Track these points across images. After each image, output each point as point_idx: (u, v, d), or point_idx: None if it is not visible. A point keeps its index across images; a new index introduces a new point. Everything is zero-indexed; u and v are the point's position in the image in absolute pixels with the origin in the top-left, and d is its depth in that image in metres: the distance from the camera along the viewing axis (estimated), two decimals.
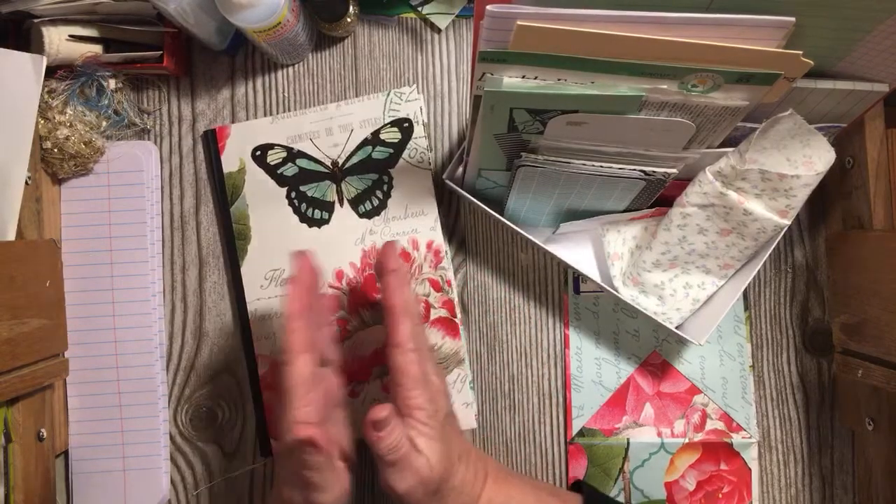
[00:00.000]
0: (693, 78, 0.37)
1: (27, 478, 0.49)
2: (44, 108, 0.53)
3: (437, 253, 0.56)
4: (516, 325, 0.59)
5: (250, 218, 0.57)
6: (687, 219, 0.49)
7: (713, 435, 0.57)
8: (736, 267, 0.51)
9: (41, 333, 0.51)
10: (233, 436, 0.58)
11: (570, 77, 0.38)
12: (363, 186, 0.57)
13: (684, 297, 0.53)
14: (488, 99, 0.39)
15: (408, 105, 0.57)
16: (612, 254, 0.55)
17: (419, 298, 0.56)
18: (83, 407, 0.56)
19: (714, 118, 0.41)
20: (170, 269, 0.59)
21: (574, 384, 0.57)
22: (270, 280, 0.57)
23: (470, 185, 0.53)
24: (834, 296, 0.56)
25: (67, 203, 0.57)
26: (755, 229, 0.48)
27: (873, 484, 0.54)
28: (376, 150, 0.57)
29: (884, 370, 0.48)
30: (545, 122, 0.41)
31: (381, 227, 0.57)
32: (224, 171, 0.57)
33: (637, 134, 0.42)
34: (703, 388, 0.57)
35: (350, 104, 0.58)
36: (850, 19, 0.37)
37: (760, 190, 0.46)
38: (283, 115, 0.58)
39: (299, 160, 0.57)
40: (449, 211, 0.59)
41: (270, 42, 0.53)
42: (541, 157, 0.45)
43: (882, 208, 0.50)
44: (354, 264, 0.57)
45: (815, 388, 0.58)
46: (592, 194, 0.50)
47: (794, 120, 0.42)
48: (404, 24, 0.60)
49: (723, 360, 0.57)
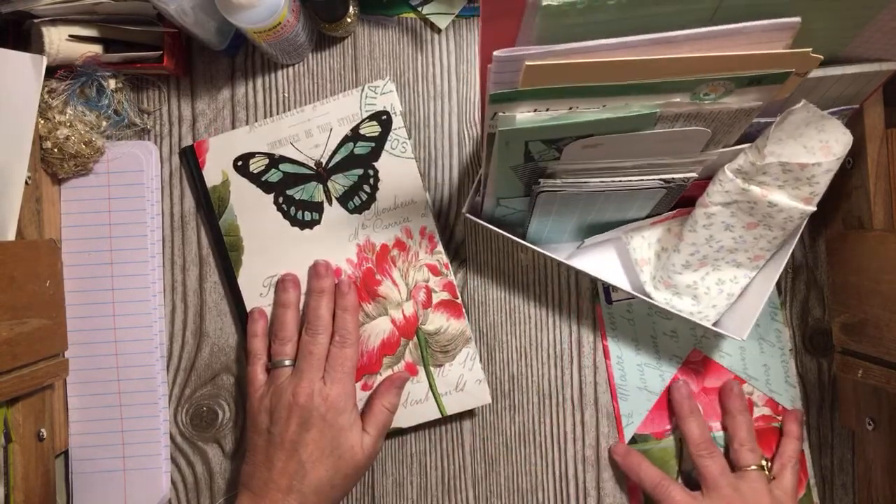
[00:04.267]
0: (705, 87, 0.37)
1: (27, 478, 0.49)
2: (44, 108, 0.53)
3: (431, 238, 0.57)
4: (516, 325, 0.59)
5: (240, 228, 0.57)
6: (711, 218, 0.49)
7: (762, 421, 0.57)
8: (766, 257, 0.51)
9: (41, 333, 0.51)
10: (233, 436, 0.58)
11: (581, 104, 0.37)
12: (349, 183, 0.57)
13: (718, 294, 0.52)
14: (503, 137, 0.39)
15: (383, 98, 0.57)
16: (639, 260, 0.54)
17: (419, 285, 0.56)
18: (83, 407, 0.56)
19: (728, 121, 0.41)
20: (170, 269, 0.59)
21: (620, 393, 0.58)
22: (269, 287, 0.57)
23: (489, 213, 0.53)
24: (834, 296, 0.56)
25: (67, 203, 0.57)
26: (781, 219, 0.47)
27: (873, 484, 0.54)
28: (358, 145, 0.57)
29: (884, 370, 0.48)
30: (561, 148, 0.41)
31: (372, 221, 0.57)
32: (208, 185, 0.57)
33: (653, 146, 0.42)
34: (747, 378, 0.57)
35: (326, 104, 0.58)
36: (854, 8, 0.37)
37: (783, 181, 0.46)
38: (261, 123, 0.58)
39: (282, 165, 0.57)
40: (449, 211, 0.59)
41: (270, 42, 0.53)
42: (559, 181, 0.45)
43: (882, 208, 0.50)
44: (351, 260, 0.57)
45: (815, 388, 0.58)
46: (614, 207, 0.50)
47: (807, 109, 0.42)
48: (404, 24, 0.60)
49: (762, 347, 0.58)
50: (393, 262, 0.57)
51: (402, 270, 0.57)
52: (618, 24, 0.34)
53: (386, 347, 0.56)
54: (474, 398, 0.56)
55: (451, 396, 0.56)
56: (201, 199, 0.58)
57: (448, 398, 0.56)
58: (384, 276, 0.57)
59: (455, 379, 0.56)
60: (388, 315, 0.56)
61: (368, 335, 0.56)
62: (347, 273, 0.57)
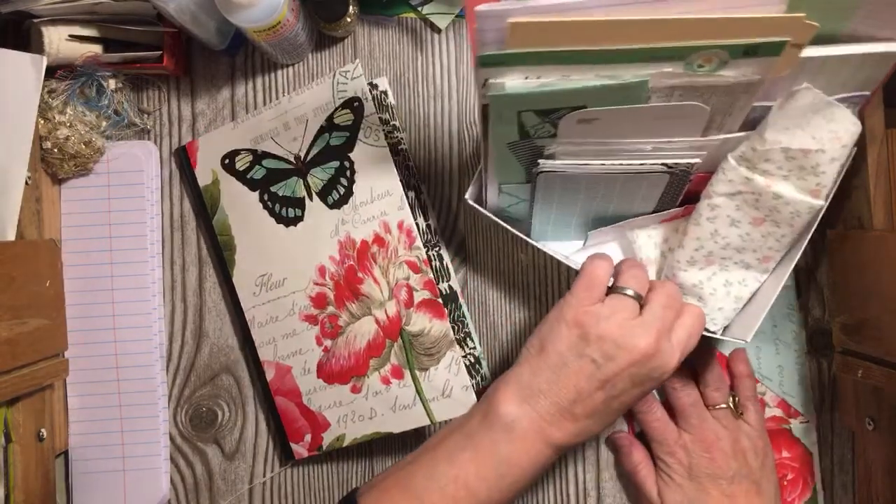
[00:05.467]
0: (698, 57, 0.36)
1: (27, 478, 0.49)
2: (44, 108, 0.53)
3: (409, 233, 0.54)
4: (516, 325, 0.59)
5: (232, 227, 0.57)
6: (716, 210, 0.47)
7: (772, 423, 0.57)
8: (776, 259, 0.49)
9: (41, 333, 0.51)
10: (233, 436, 0.58)
11: (573, 72, 0.37)
12: (327, 176, 0.56)
13: (725, 296, 0.51)
14: (495, 104, 0.38)
15: (354, 83, 0.55)
16: (644, 259, 0.53)
17: (400, 283, 0.55)
18: (83, 407, 0.56)
19: (726, 98, 0.40)
20: (170, 269, 0.59)
21: None
22: (261, 286, 0.56)
23: (493, 205, 0.52)
24: (834, 296, 0.56)
25: (67, 203, 0.57)
26: (788, 214, 0.46)
27: (873, 484, 0.54)
28: (333, 136, 0.56)
29: (884, 370, 0.48)
30: (556, 123, 0.41)
31: (351, 216, 0.55)
32: (201, 186, 0.57)
33: (651, 125, 0.41)
34: (760, 378, 0.57)
35: (300, 94, 0.56)
36: None
37: (787, 171, 0.44)
38: (244, 118, 0.57)
39: (265, 161, 0.57)
40: (449, 211, 0.59)
41: (270, 42, 0.53)
42: (558, 161, 0.44)
43: (882, 208, 0.50)
44: (334, 258, 0.56)
45: (815, 388, 0.58)
46: (617, 196, 0.49)
47: (811, 93, 0.40)
48: (404, 24, 0.60)
49: (778, 348, 0.58)
50: (373, 259, 0.55)
51: (382, 268, 0.55)
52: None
53: (371, 349, 0.55)
54: (462, 405, 0.54)
55: (438, 402, 0.54)
56: (194, 199, 0.58)
57: (436, 404, 0.54)
58: (366, 274, 0.55)
59: (441, 384, 0.54)
60: (372, 315, 0.55)
61: (354, 336, 0.55)
62: (331, 271, 0.56)
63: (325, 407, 0.56)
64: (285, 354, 0.56)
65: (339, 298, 0.56)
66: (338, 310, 0.56)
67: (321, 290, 0.56)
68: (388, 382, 0.55)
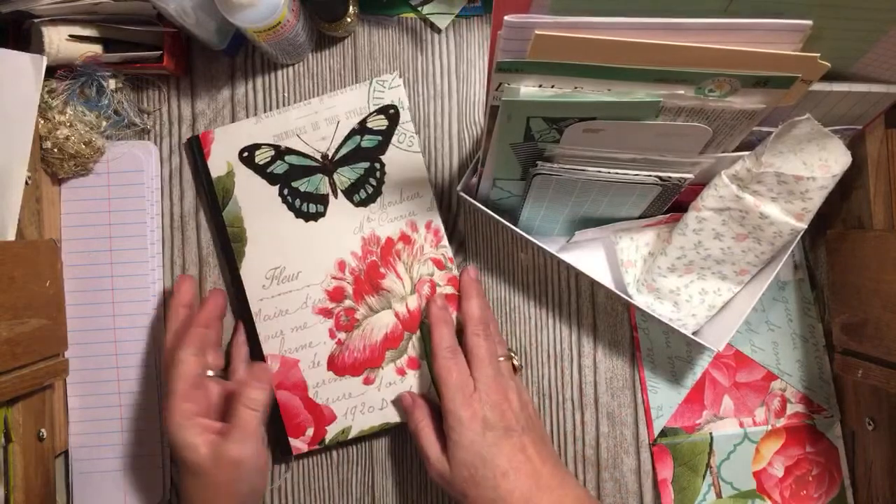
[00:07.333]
0: (710, 83, 0.37)
1: (27, 478, 0.49)
2: (44, 108, 0.53)
3: (436, 232, 0.57)
4: (516, 325, 0.59)
5: (244, 220, 0.57)
6: (703, 223, 0.49)
7: (795, 419, 0.57)
8: (752, 273, 0.51)
9: (41, 333, 0.51)
10: None
11: (587, 85, 0.37)
12: (355, 176, 0.57)
13: (700, 304, 0.53)
14: (506, 109, 0.39)
15: (391, 92, 0.58)
16: (625, 261, 0.55)
17: (423, 279, 0.57)
18: (83, 407, 0.56)
19: (730, 122, 0.41)
20: (170, 269, 0.59)
21: (650, 386, 0.58)
22: (272, 279, 0.57)
23: (484, 195, 0.53)
24: (834, 296, 0.56)
25: (67, 203, 0.57)
26: (771, 233, 0.48)
27: (873, 484, 0.54)
28: (365, 138, 0.57)
29: (884, 370, 0.48)
30: (562, 130, 0.41)
31: (378, 214, 0.57)
32: (213, 176, 0.58)
33: (653, 139, 0.42)
34: (780, 374, 0.57)
35: (333, 97, 0.58)
36: (865, 20, 0.37)
37: (776, 193, 0.46)
38: (267, 115, 0.58)
39: (288, 157, 0.57)
40: (449, 211, 0.59)
41: (270, 42, 0.53)
42: (556, 165, 0.45)
43: (882, 208, 0.50)
44: (356, 253, 0.57)
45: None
46: (607, 201, 0.50)
47: (810, 124, 0.42)
48: (404, 24, 0.60)
49: (795, 342, 0.58)
50: (398, 255, 0.57)
51: (406, 264, 0.57)
52: (634, 3, 0.34)
53: (389, 341, 0.57)
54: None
55: None
56: (205, 190, 0.58)
57: None
58: (388, 269, 0.57)
59: None
60: (392, 308, 0.57)
61: (372, 328, 0.57)
62: (351, 266, 0.57)
63: (332, 400, 0.56)
64: (293, 347, 0.57)
65: (357, 292, 0.57)
66: (355, 303, 0.57)
67: (339, 283, 0.57)
68: (403, 374, 0.56)
